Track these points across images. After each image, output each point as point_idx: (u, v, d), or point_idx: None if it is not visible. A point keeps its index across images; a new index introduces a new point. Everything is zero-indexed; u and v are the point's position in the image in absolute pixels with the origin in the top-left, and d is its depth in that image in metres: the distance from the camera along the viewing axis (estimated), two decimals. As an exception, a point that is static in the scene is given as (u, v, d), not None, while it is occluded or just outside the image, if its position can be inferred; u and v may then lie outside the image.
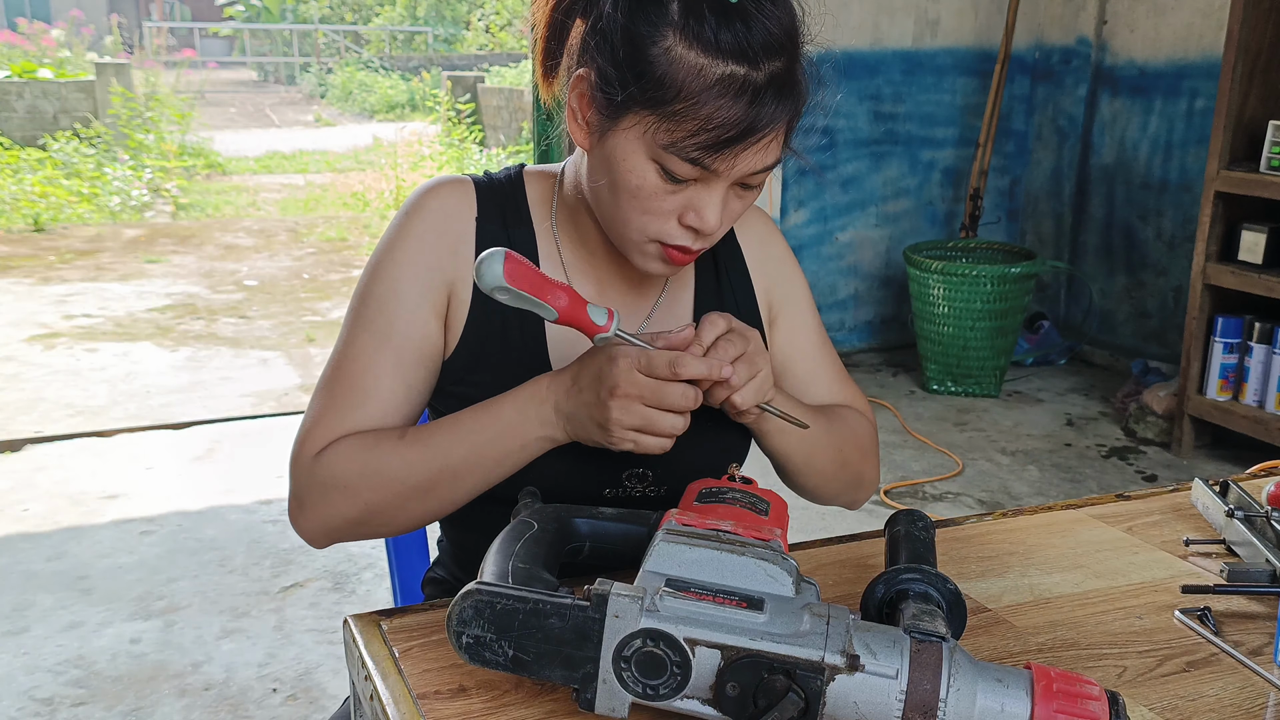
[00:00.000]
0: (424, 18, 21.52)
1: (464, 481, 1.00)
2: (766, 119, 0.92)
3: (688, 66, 0.91)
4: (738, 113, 0.91)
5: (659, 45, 0.91)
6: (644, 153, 0.95)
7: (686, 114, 0.91)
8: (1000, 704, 0.69)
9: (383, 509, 1.00)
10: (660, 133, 0.92)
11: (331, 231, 7.55)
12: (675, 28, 0.91)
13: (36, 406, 3.94)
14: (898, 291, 4.53)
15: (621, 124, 0.95)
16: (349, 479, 0.99)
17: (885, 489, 3.27)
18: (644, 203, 0.97)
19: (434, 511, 1.02)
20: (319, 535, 1.03)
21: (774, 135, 0.94)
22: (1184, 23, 4.01)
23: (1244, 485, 1.20)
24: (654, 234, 0.99)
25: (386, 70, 17.17)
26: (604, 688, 0.73)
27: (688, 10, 0.91)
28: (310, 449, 1.02)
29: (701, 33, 0.90)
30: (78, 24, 13.62)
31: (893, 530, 0.92)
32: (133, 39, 18.69)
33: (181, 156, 9.67)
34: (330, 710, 2.16)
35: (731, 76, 0.90)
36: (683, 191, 0.96)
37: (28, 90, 9.85)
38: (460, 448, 0.99)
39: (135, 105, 9.74)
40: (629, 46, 0.92)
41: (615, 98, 0.94)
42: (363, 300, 1.06)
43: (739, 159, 0.93)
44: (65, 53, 11.74)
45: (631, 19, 0.92)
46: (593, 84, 0.96)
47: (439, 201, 1.09)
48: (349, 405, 1.03)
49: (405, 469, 0.99)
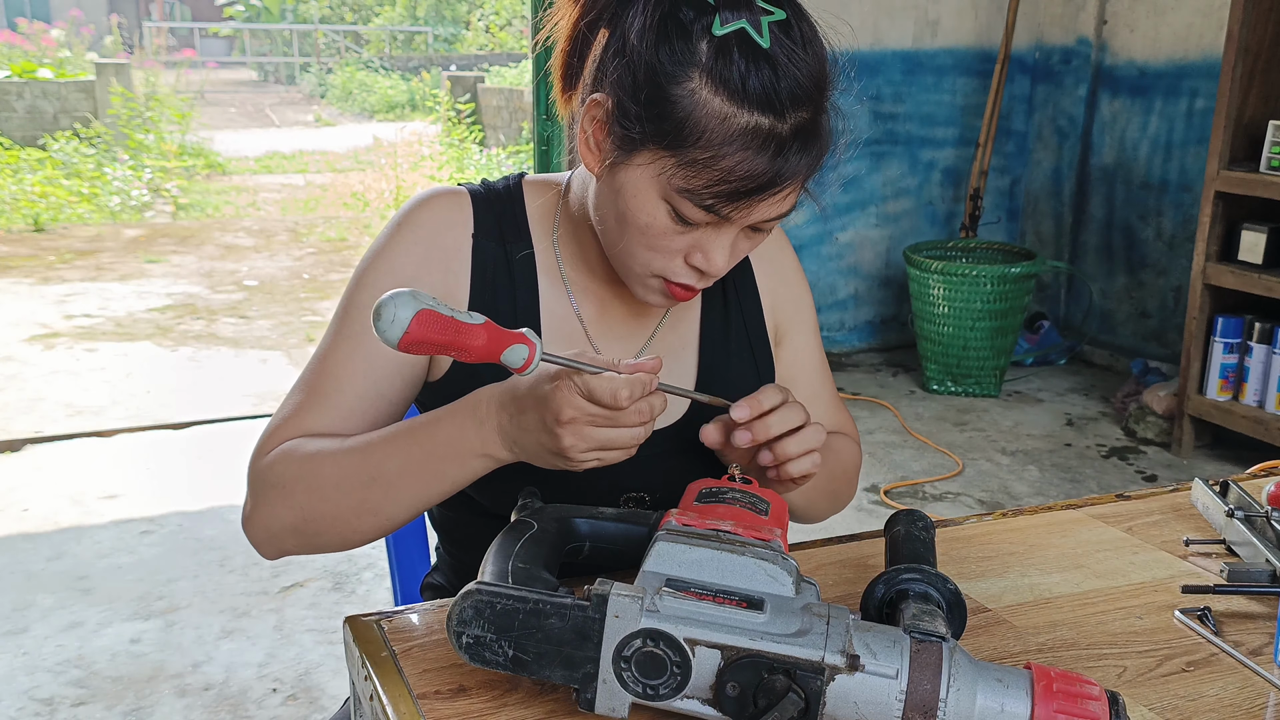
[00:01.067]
0: (424, 18, 21.52)
1: (399, 494, 0.94)
2: (789, 173, 0.89)
3: (712, 112, 0.87)
4: (760, 166, 0.88)
5: (683, 86, 0.88)
6: (656, 192, 0.92)
7: (707, 162, 0.88)
8: (1000, 704, 0.69)
9: (318, 516, 0.96)
10: (676, 176, 0.89)
11: (331, 231, 7.55)
12: (702, 69, 0.87)
13: (36, 406, 3.94)
14: (898, 291, 4.53)
15: (635, 159, 0.91)
16: (286, 481, 0.96)
17: (885, 489, 3.27)
18: (651, 240, 0.94)
19: (371, 524, 0.96)
20: (264, 541, 1.00)
21: (794, 186, 0.92)
22: (1184, 23, 4.01)
23: (1244, 485, 1.20)
24: (658, 270, 0.97)
25: (386, 70, 17.17)
26: (604, 688, 0.73)
27: (717, 51, 0.87)
28: (263, 450, 0.99)
29: (729, 78, 0.86)
30: (78, 24, 13.62)
31: (893, 530, 0.92)
32: (133, 39, 18.69)
33: (181, 156, 9.67)
34: (330, 710, 2.16)
35: (756, 127, 0.87)
36: (691, 233, 0.94)
37: (28, 90, 9.85)
38: (394, 459, 0.94)
39: (135, 105, 9.74)
40: (651, 82, 0.89)
41: (631, 132, 0.90)
42: (345, 307, 1.04)
43: (755, 209, 0.91)
44: (65, 53, 11.74)
45: (657, 54, 0.89)
46: (609, 112, 0.92)
47: (432, 215, 1.06)
48: (310, 409, 1.00)
49: (339, 475, 0.95)
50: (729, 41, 0.87)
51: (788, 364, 1.19)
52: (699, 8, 0.88)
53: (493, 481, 1.04)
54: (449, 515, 1.20)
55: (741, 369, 1.14)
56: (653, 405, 0.88)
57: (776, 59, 0.87)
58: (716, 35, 0.87)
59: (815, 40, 0.91)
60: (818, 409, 1.19)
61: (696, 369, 1.13)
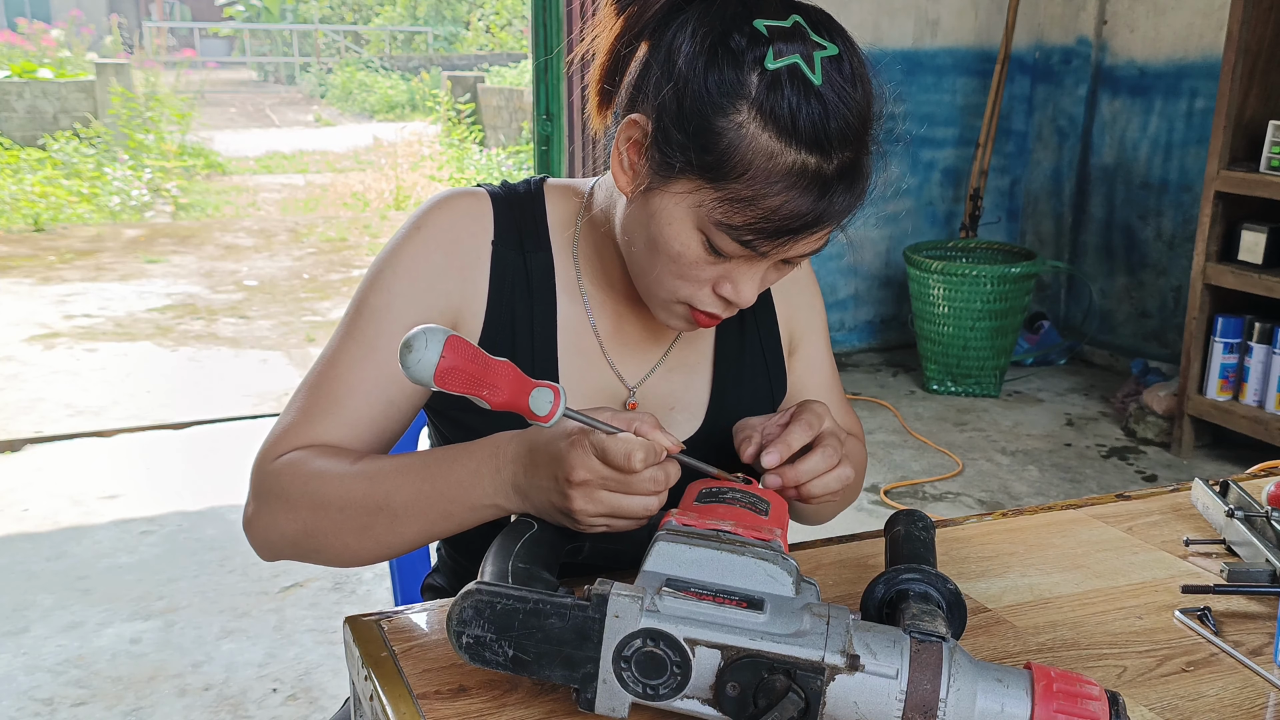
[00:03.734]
0: (424, 18, 21.52)
1: (404, 527, 0.92)
2: (832, 214, 0.88)
3: (759, 148, 0.85)
4: (804, 206, 0.86)
5: (731, 118, 0.85)
6: (691, 222, 0.89)
7: (749, 199, 0.85)
8: (1000, 704, 0.69)
9: (318, 533, 0.94)
10: (716, 210, 0.87)
11: (331, 231, 7.54)
12: (752, 102, 0.84)
13: (36, 406, 3.94)
14: (898, 291, 4.53)
15: (673, 186, 0.89)
16: (292, 493, 0.94)
17: (885, 489, 3.27)
18: (681, 269, 0.92)
19: (374, 550, 0.95)
20: (262, 545, 0.98)
21: (839, 217, 0.90)
22: (1184, 23, 4.01)
23: (1244, 485, 1.20)
24: (684, 297, 0.95)
25: (386, 70, 17.17)
26: (604, 688, 0.73)
27: (769, 85, 0.84)
28: (269, 455, 0.98)
29: (780, 113, 0.84)
30: (78, 24, 13.61)
31: (892, 530, 0.92)
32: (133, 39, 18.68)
33: (181, 156, 9.67)
34: (330, 710, 2.16)
35: (803, 167, 0.85)
36: (723, 264, 0.92)
37: (28, 90, 9.85)
38: (404, 492, 0.92)
39: (135, 105, 9.74)
40: (697, 111, 0.86)
41: (672, 158, 0.88)
42: (357, 309, 1.02)
43: (793, 247, 0.90)
44: (65, 53, 11.73)
45: (705, 81, 0.86)
46: (648, 134, 0.90)
47: (451, 218, 1.03)
48: (319, 415, 0.98)
49: (346, 497, 0.93)
50: (780, 76, 0.84)
51: (800, 370, 1.19)
52: (752, 38, 0.85)
53: None
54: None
55: (755, 384, 1.13)
56: (668, 475, 0.86)
57: (826, 96, 0.85)
58: (769, 69, 0.84)
59: (864, 77, 0.89)
60: None
61: (710, 386, 1.11)
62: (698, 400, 1.10)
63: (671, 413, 1.09)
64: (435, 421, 1.12)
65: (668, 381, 1.10)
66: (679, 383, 1.10)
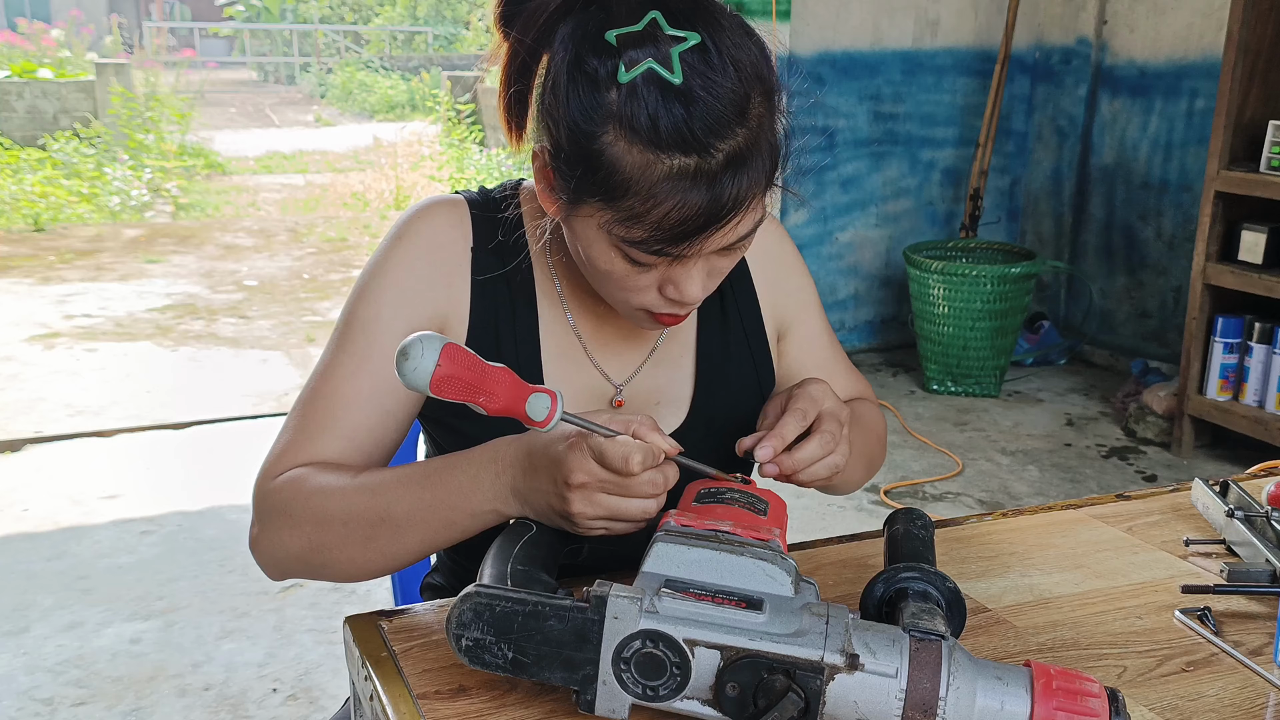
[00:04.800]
0: (424, 18, 21.52)
1: (407, 537, 0.92)
2: (730, 202, 0.85)
3: (633, 162, 0.84)
4: (696, 205, 0.84)
5: (603, 139, 0.84)
6: (606, 241, 0.89)
7: (642, 213, 0.85)
8: (1000, 702, 0.69)
9: (325, 549, 0.94)
10: (617, 227, 0.87)
11: (331, 231, 7.54)
12: (615, 119, 0.83)
13: (36, 406, 3.93)
14: (898, 291, 4.53)
15: (581, 210, 0.89)
16: (295, 511, 0.95)
17: (885, 489, 3.27)
18: (619, 282, 0.93)
19: (379, 562, 0.95)
20: (270, 565, 0.99)
21: (745, 208, 0.87)
22: (1184, 23, 4.01)
23: (1244, 485, 1.20)
24: (638, 305, 0.95)
25: (386, 70, 17.16)
26: (604, 689, 0.73)
27: (627, 96, 0.83)
28: (270, 474, 0.98)
29: (640, 124, 0.82)
30: (78, 24, 13.60)
31: (891, 529, 0.92)
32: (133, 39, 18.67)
33: (181, 156, 9.66)
34: (330, 710, 2.16)
35: (681, 169, 0.83)
36: (655, 270, 0.91)
37: (28, 90, 9.85)
38: (405, 502, 0.92)
39: (135, 105, 9.73)
40: (574, 138, 0.86)
41: (570, 184, 0.88)
42: (346, 324, 1.02)
43: (708, 242, 0.87)
44: (65, 53, 11.73)
45: (571, 109, 0.85)
46: (547, 164, 0.91)
47: (431, 227, 1.04)
48: (316, 431, 0.99)
49: (348, 511, 0.93)
50: (636, 86, 0.83)
51: (797, 352, 1.18)
52: (605, 52, 0.84)
53: None
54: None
55: (740, 373, 1.13)
56: (666, 478, 0.86)
57: (692, 93, 0.82)
58: (623, 82, 0.83)
59: (742, 53, 0.86)
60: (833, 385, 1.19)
61: (694, 377, 1.11)
62: (682, 393, 1.11)
63: (656, 407, 1.09)
64: (430, 430, 1.12)
65: (652, 377, 1.10)
66: (663, 377, 1.10)
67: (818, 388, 0.96)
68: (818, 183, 4.32)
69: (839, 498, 3.20)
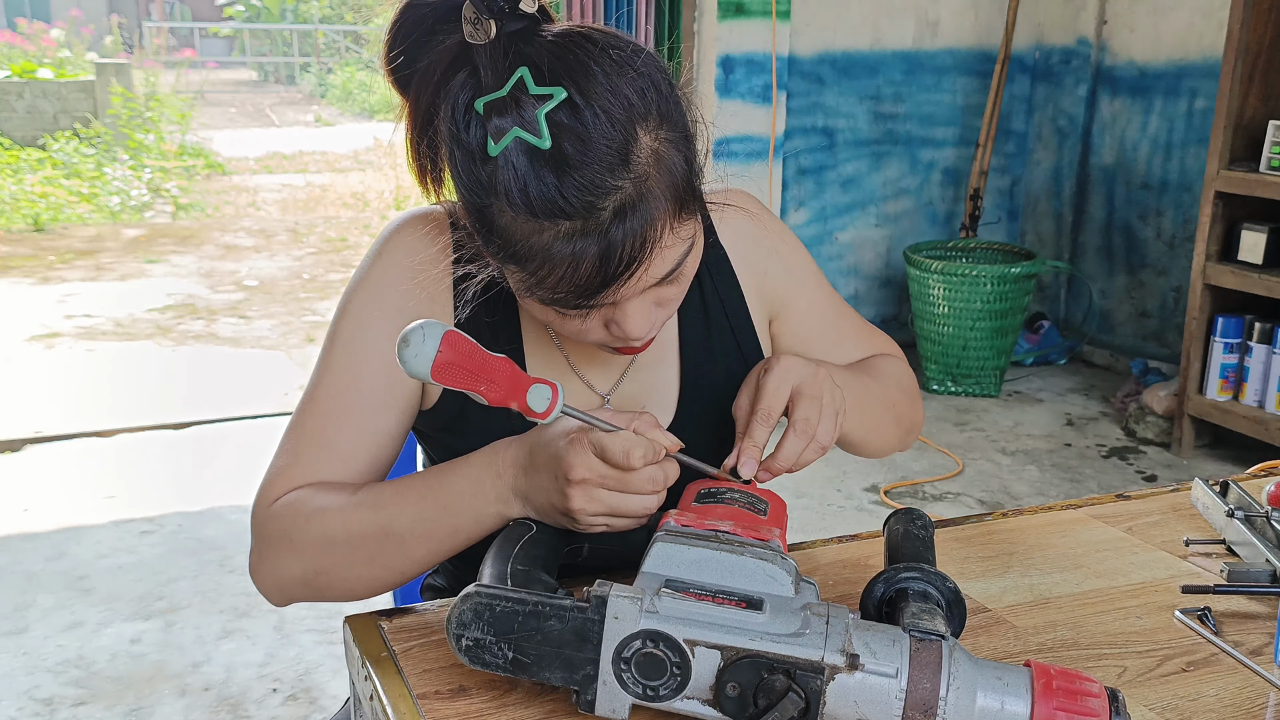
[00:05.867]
0: (424, 18, 21.47)
1: (412, 550, 0.92)
2: (629, 251, 0.82)
3: (520, 230, 0.82)
4: (591, 259, 0.81)
5: (492, 209, 0.83)
6: (532, 298, 0.88)
7: (546, 274, 0.83)
8: (1000, 702, 0.69)
9: (328, 570, 0.94)
10: (531, 288, 0.86)
11: (331, 231, 7.54)
12: (494, 193, 0.82)
13: (36, 406, 3.94)
14: (898, 291, 4.53)
15: (506, 268, 0.88)
16: (295, 535, 0.94)
17: (885, 489, 3.27)
18: (564, 328, 0.92)
19: (386, 578, 0.94)
20: (273, 591, 0.98)
21: (653, 248, 0.83)
22: (1184, 23, 4.01)
23: (1244, 485, 1.20)
24: (594, 342, 0.93)
25: (387, 70, 17.14)
26: (604, 689, 0.73)
27: (501, 167, 0.81)
28: (267, 499, 0.97)
29: (515, 197, 0.81)
30: (78, 24, 13.61)
31: (891, 529, 0.92)
32: (133, 39, 18.67)
33: (181, 156, 9.67)
34: (330, 710, 2.16)
35: (568, 232, 0.81)
36: (594, 315, 0.89)
37: (28, 90, 9.85)
38: (407, 515, 0.91)
39: (135, 105, 9.74)
40: (469, 208, 0.86)
41: (486, 248, 0.87)
42: (331, 343, 1.02)
43: (628, 284, 0.84)
44: (65, 53, 11.73)
45: (460, 180, 0.85)
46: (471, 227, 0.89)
47: (411, 241, 1.02)
48: (310, 454, 0.98)
49: (350, 530, 0.92)
50: (508, 156, 0.80)
51: (797, 327, 1.16)
52: (475, 123, 0.82)
53: None
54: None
55: (727, 364, 1.11)
56: (666, 474, 0.85)
57: (563, 154, 0.79)
58: (493, 155, 0.81)
59: (616, 98, 0.81)
60: (845, 351, 1.17)
61: (679, 376, 1.10)
62: (668, 395, 1.09)
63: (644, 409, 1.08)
64: (425, 446, 1.11)
65: (636, 382, 1.08)
66: (647, 381, 1.09)
67: (779, 372, 0.92)
68: (818, 183, 4.32)
69: (839, 497, 3.20)
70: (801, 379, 0.93)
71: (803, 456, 0.92)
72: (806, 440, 0.91)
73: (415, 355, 0.79)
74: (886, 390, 1.12)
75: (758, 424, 0.91)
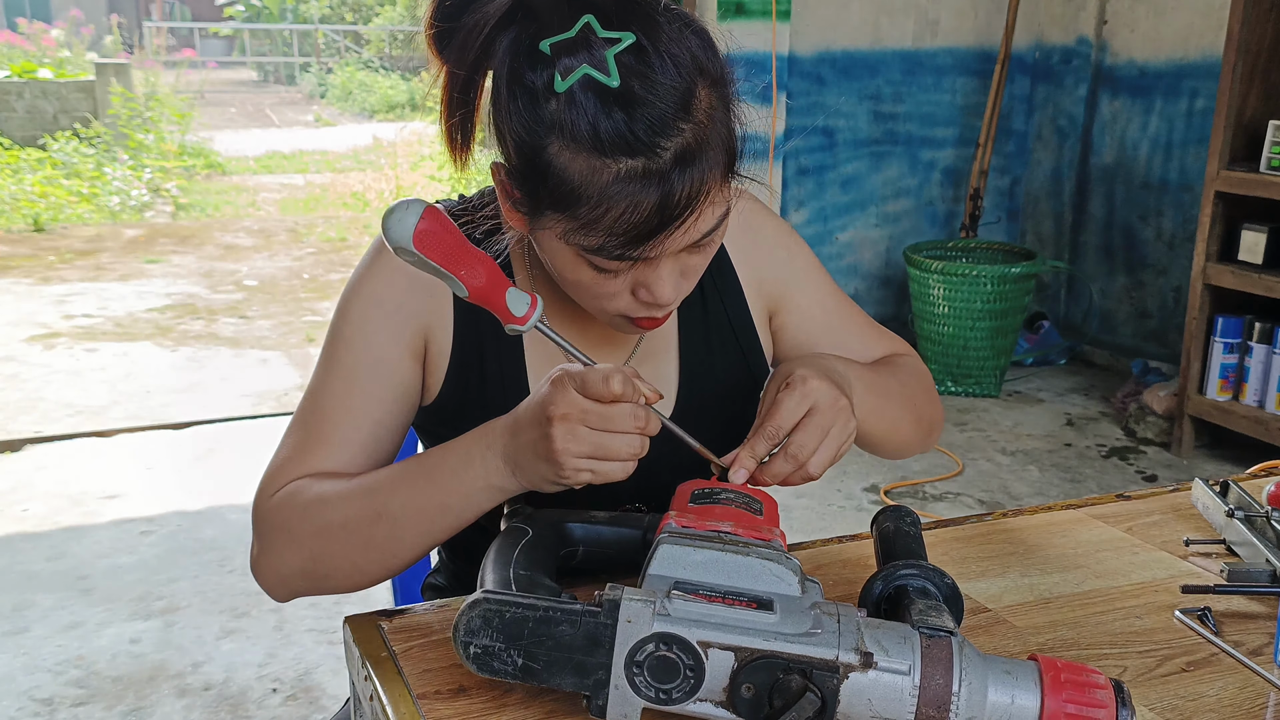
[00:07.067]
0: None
1: (405, 530, 0.92)
2: (684, 199, 0.84)
3: (580, 170, 0.83)
4: (648, 204, 0.83)
5: (549, 150, 0.84)
6: (570, 251, 0.89)
7: (596, 219, 0.84)
8: (1010, 696, 0.70)
9: (325, 557, 0.94)
10: (575, 236, 0.86)
11: (331, 231, 7.54)
12: (556, 129, 0.83)
13: (36, 406, 3.93)
14: (898, 291, 4.53)
15: (543, 222, 0.89)
16: (293, 524, 0.94)
17: (885, 489, 3.27)
18: (589, 290, 0.92)
19: (381, 562, 0.94)
20: (275, 584, 0.98)
21: (702, 203, 0.86)
22: (1184, 23, 4.01)
23: (1244, 485, 1.20)
24: (614, 311, 0.94)
25: (386, 70, 17.15)
26: (616, 694, 0.72)
27: (566, 105, 0.82)
28: (267, 493, 0.98)
29: (581, 132, 0.82)
30: (78, 24, 13.59)
31: (881, 527, 0.92)
32: (133, 39, 18.65)
33: (181, 156, 9.66)
34: (330, 710, 2.16)
35: (629, 172, 0.82)
36: (624, 275, 0.90)
37: (28, 90, 9.84)
38: (399, 495, 0.92)
39: (135, 105, 9.72)
40: (521, 152, 0.86)
41: (529, 198, 0.88)
42: (332, 340, 1.03)
43: (670, 240, 0.86)
44: (65, 53, 11.72)
45: (514, 124, 0.85)
46: (505, 179, 0.90)
47: None
48: (311, 448, 0.99)
49: (345, 515, 0.92)
50: (574, 93, 0.82)
51: (800, 321, 1.15)
52: (540, 63, 0.83)
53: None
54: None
55: (726, 362, 1.11)
56: (648, 420, 0.85)
57: (631, 94, 0.82)
58: (560, 92, 0.82)
59: (680, 47, 0.84)
60: (852, 350, 1.14)
61: (678, 370, 1.10)
62: (666, 386, 1.09)
63: None
64: (426, 443, 1.11)
65: None
66: (646, 373, 1.08)
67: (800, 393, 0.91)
68: (818, 183, 4.32)
69: (839, 497, 3.20)
70: (818, 403, 0.91)
71: (789, 479, 0.92)
72: (795, 466, 0.90)
73: (399, 222, 0.81)
74: (906, 388, 1.11)
75: (762, 438, 0.90)
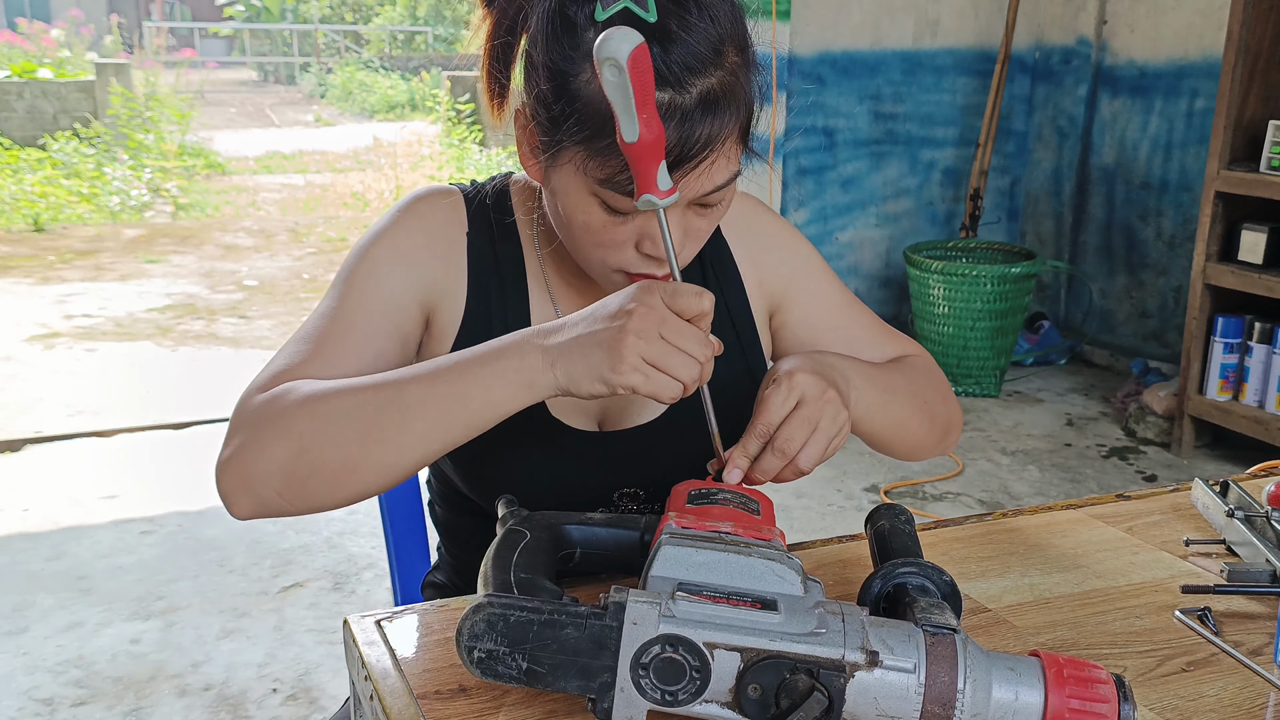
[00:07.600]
0: (424, 18, 21.51)
1: (413, 420, 0.86)
2: (702, 141, 0.87)
3: None
4: (669, 139, 0.86)
5: (580, 78, 0.87)
6: (585, 189, 0.91)
7: (615, 147, 0.85)
8: (1015, 693, 0.70)
9: (316, 448, 0.87)
10: (593, 168, 0.88)
11: (331, 231, 7.54)
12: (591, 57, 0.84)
13: (36, 406, 3.93)
14: (898, 291, 4.53)
15: (561, 161, 0.91)
16: (286, 413, 0.88)
17: (885, 489, 3.27)
18: (596, 236, 0.94)
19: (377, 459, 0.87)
20: (241, 487, 0.91)
21: (718, 152, 0.89)
22: (1184, 23, 4.01)
23: (1244, 485, 1.20)
24: (615, 265, 0.96)
25: (386, 70, 17.16)
26: (621, 696, 0.72)
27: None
28: (256, 391, 0.93)
29: None
30: (78, 24, 13.59)
31: (876, 525, 0.92)
32: (133, 39, 18.66)
33: (181, 156, 9.66)
34: (330, 710, 2.16)
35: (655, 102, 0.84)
36: (632, 221, 0.92)
37: (28, 90, 9.84)
38: (415, 384, 0.87)
39: (135, 105, 9.72)
40: (553, 83, 0.89)
41: (552, 135, 0.90)
42: (342, 279, 1.02)
43: (688, 178, 0.89)
44: (65, 53, 11.72)
45: (551, 54, 0.89)
46: (529, 119, 0.94)
47: (432, 208, 1.06)
48: (309, 358, 0.96)
49: (352, 401, 0.88)
50: (613, 23, 0.85)
51: (802, 318, 1.15)
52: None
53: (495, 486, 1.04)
54: (451, 517, 1.20)
55: (729, 362, 1.11)
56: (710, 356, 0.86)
57: (667, 30, 0.85)
58: (600, 21, 0.86)
59: (717, 4, 0.89)
60: (858, 349, 1.13)
61: None
62: None
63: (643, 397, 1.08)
64: None
65: None
66: None
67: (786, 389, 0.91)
68: (818, 183, 4.32)
69: (839, 497, 3.20)
70: (805, 396, 0.90)
71: (780, 475, 0.91)
72: (784, 461, 0.90)
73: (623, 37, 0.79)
74: (915, 386, 1.09)
75: (753, 437, 0.90)
